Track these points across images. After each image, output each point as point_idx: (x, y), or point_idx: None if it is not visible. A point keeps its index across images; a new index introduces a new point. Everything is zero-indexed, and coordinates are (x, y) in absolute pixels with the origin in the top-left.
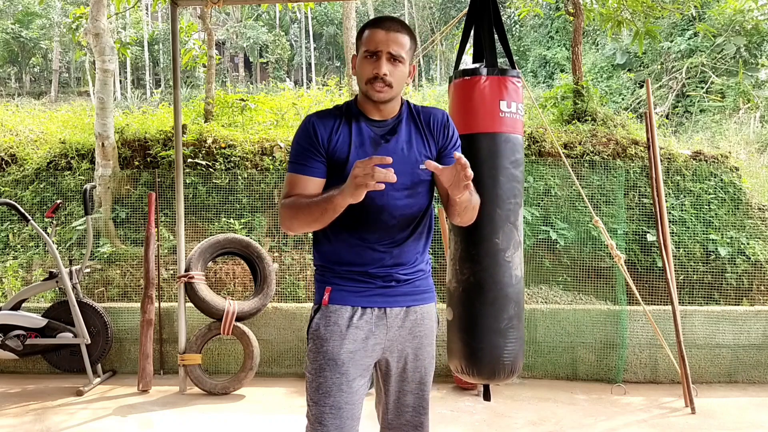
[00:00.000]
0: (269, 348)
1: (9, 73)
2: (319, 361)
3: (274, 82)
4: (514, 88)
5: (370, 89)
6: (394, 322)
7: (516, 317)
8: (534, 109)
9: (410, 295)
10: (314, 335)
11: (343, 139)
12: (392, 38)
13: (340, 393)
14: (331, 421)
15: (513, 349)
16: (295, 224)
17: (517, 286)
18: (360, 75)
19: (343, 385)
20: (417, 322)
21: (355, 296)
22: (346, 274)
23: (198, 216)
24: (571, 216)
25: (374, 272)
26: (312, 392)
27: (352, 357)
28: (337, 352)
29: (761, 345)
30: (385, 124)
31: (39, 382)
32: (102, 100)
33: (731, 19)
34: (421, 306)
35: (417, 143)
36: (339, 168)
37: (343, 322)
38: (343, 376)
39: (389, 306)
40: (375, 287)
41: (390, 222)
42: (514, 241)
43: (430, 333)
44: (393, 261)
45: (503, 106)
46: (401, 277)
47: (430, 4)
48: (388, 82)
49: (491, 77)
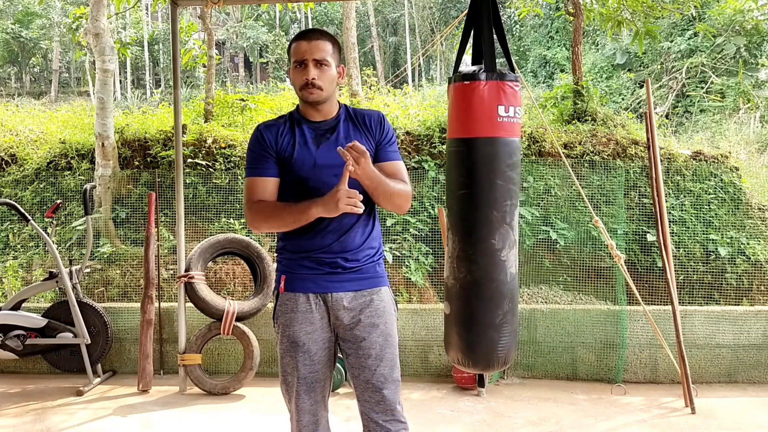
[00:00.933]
0: (269, 348)
1: (9, 73)
2: (284, 343)
3: (274, 82)
4: (512, 92)
5: (305, 93)
6: (340, 305)
7: (510, 312)
8: (534, 109)
9: (357, 280)
10: (278, 321)
11: (288, 140)
12: (314, 46)
13: (305, 366)
14: (301, 388)
15: (506, 342)
16: (264, 226)
17: (512, 283)
18: (294, 84)
19: (307, 360)
20: (366, 304)
21: (306, 282)
22: (298, 260)
23: (198, 216)
24: (571, 216)
25: (321, 258)
26: (283, 369)
27: (310, 336)
28: (297, 335)
29: (761, 345)
30: (325, 124)
31: (39, 382)
32: (102, 100)
33: (731, 19)
34: (370, 290)
35: (356, 138)
36: (286, 165)
37: (298, 308)
38: (305, 354)
39: (335, 291)
40: (323, 273)
41: None
42: (509, 241)
43: (384, 312)
44: (339, 247)
45: (501, 110)
46: (345, 264)
47: (430, 5)
48: (317, 85)
49: (489, 82)
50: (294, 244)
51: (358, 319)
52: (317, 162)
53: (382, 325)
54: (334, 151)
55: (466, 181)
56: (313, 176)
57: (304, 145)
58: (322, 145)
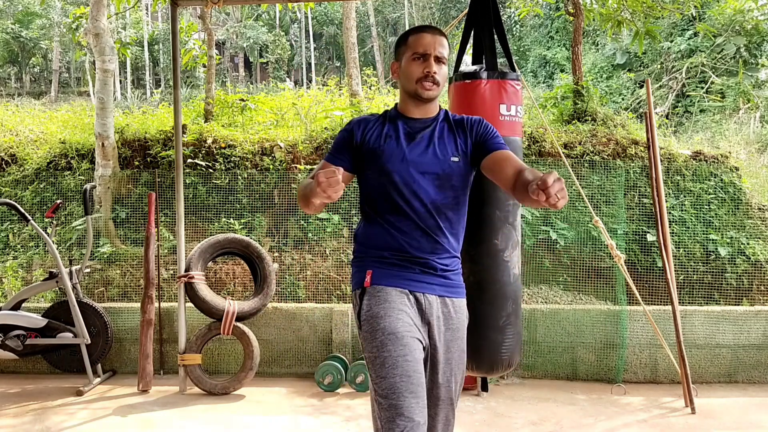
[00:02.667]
0: (269, 348)
1: (9, 73)
2: (379, 338)
3: (274, 82)
4: (513, 90)
5: (420, 87)
6: (430, 308)
7: (513, 314)
8: (534, 109)
9: (445, 286)
10: (367, 315)
11: (377, 133)
12: (438, 41)
13: (407, 363)
14: (405, 387)
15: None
16: (300, 203)
17: (515, 284)
18: (408, 76)
19: (408, 356)
20: (450, 314)
21: (395, 279)
22: (384, 258)
23: (198, 216)
24: (571, 216)
25: (411, 257)
26: (378, 368)
27: (409, 330)
28: (394, 325)
29: (761, 345)
30: (422, 122)
31: (39, 382)
32: (102, 100)
33: (731, 19)
34: (453, 299)
35: (449, 139)
36: (374, 157)
37: (392, 299)
38: (406, 347)
39: (426, 292)
40: (413, 273)
41: (421, 209)
42: (512, 241)
43: (461, 327)
44: (429, 248)
45: (503, 109)
46: (437, 264)
47: (430, 5)
48: (436, 80)
49: (491, 81)
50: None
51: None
52: (406, 157)
53: (459, 340)
54: (425, 148)
55: None
56: (400, 170)
57: (395, 140)
58: (414, 142)
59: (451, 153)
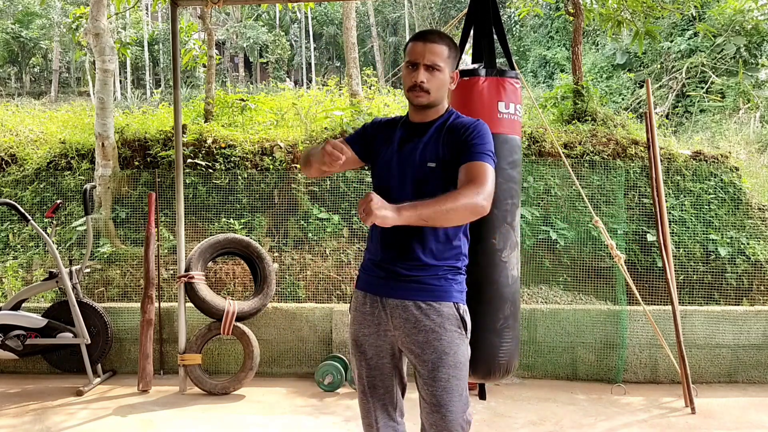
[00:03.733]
0: (269, 348)
1: (9, 73)
2: (350, 344)
3: (274, 82)
4: (512, 89)
5: (411, 96)
6: (395, 312)
7: (512, 317)
8: (534, 109)
9: (414, 291)
10: (350, 318)
11: (381, 137)
12: (429, 49)
13: (369, 370)
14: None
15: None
16: (301, 163)
17: (514, 286)
18: (404, 84)
19: (362, 362)
20: (420, 316)
21: (367, 284)
22: (367, 262)
23: (198, 216)
24: (571, 216)
25: (381, 261)
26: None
27: (366, 339)
28: (356, 333)
29: (761, 345)
30: (420, 127)
31: (39, 382)
32: (102, 100)
33: (731, 19)
34: (429, 302)
35: (435, 144)
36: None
37: (360, 307)
38: (362, 355)
39: (388, 296)
40: (380, 278)
41: None
42: (510, 242)
43: (440, 328)
44: (401, 254)
45: (501, 107)
46: (402, 272)
47: (430, 4)
48: (425, 88)
49: (490, 78)
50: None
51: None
52: (393, 162)
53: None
54: (409, 154)
55: None
56: (386, 176)
57: (391, 144)
58: (404, 148)
59: (429, 158)
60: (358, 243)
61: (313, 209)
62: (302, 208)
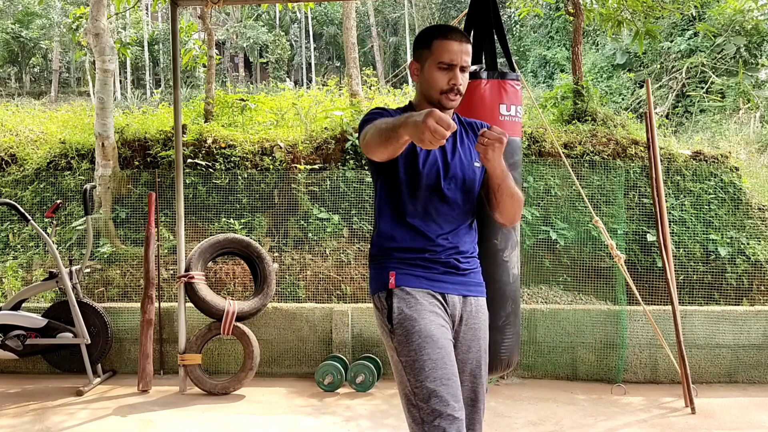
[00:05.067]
0: (269, 348)
1: (9, 73)
2: (415, 341)
3: (274, 82)
4: (513, 90)
5: (445, 99)
6: (454, 309)
7: (513, 314)
8: (534, 109)
9: (467, 285)
10: (400, 318)
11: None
12: (464, 50)
13: (445, 366)
14: (446, 391)
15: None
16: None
17: (515, 285)
18: (432, 84)
19: (446, 358)
20: (472, 313)
21: (419, 280)
22: (407, 260)
23: (198, 216)
24: (571, 216)
25: (435, 258)
26: (417, 373)
27: (443, 333)
28: (429, 328)
29: (761, 345)
30: None
31: (39, 382)
32: (102, 100)
33: (731, 19)
34: (476, 298)
35: (470, 144)
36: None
37: (423, 301)
38: (442, 350)
39: (449, 292)
40: (437, 272)
41: (447, 212)
42: (511, 242)
43: (484, 325)
44: (453, 248)
45: (503, 109)
46: (461, 264)
47: (430, 5)
48: (461, 92)
49: (491, 81)
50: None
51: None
52: (438, 161)
53: (482, 339)
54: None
55: None
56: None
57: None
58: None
59: (474, 158)
60: (358, 243)
61: (313, 209)
62: (302, 208)
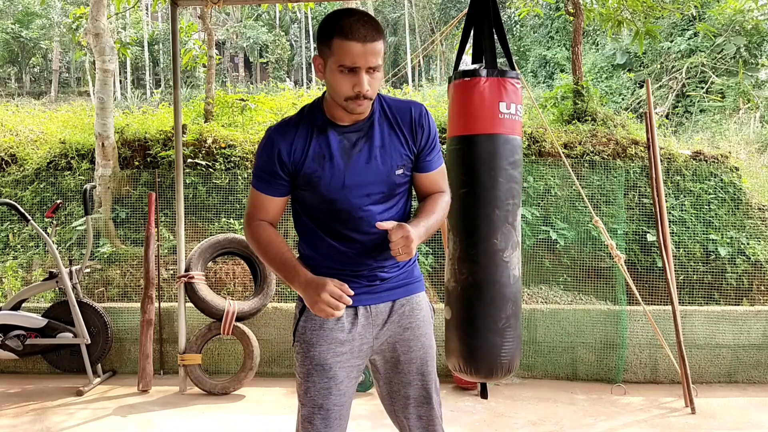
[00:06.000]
0: (269, 348)
1: (9, 73)
2: (306, 365)
3: (274, 82)
4: (513, 89)
5: (351, 105)
6: (380, 318)
7: (513, 316)
8: (534, 109)
9: (395, 289)
10: (300, 339)
11: (307, 150)
12: (369, 50)
13: (329, 396)
14: (320, 422)
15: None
16: (259, 254)
17: (515, 286)
18: (335, 89)
19: (332, 389)
20: (405, 314)
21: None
22: (329, 274)
23: (198, 216)
24: (571, 216)
25: (359, 272)
26: (302, 395)
27: (338, 361)
28: (324, 357)
29: (761, 345)
30: (356, 128)
31: (39, 382)
32: (102, 100)
33: (731, 19)
34: (408, 297)
35: (391, 146)
36: (312, 185)
37: (329, 325)
38: (331, 380)
39: (374, 303)
40: (360, 287)
41: (371, 230)
42: (512, 242)
43: (423, 323)
44: (376, 263)
45: (503, 107)
46: (385, 275)
47: (430, 5)
48: (369, 96)
49: (491, 78)
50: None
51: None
52: (346, 182)
53: (422, 336)
54: (365, 164)
55: (467, 179)
56: (341, 197)
57: (330, 160)
58: (352, 159)
59: (396, 165)
60: None
61: None
62: None
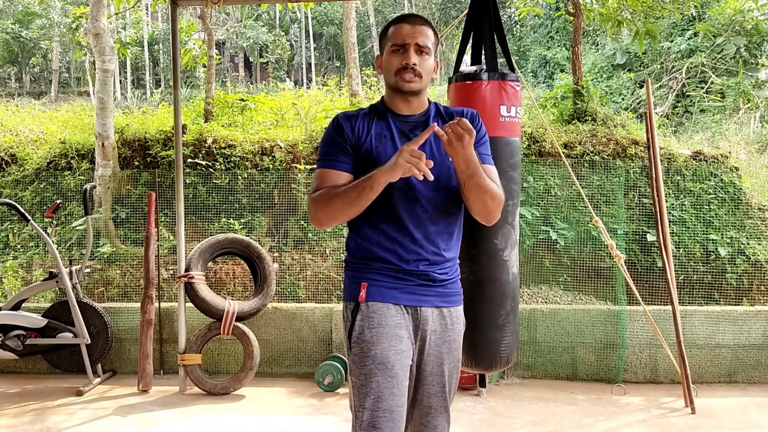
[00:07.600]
0: (269, 348)
1: (9, 73)
2: (368, 365)
3: (274, 82)
4: (513, 91)
5: (400, 80)
6: (425, 324)
7: (512, 312)
8: (534, 109)
9: (443, 296)
10: (359, 339)
11: (366, 132)
12: (418, 30)
13: (393, 397)
14: (387, 425)
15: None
16: (327, 213)
17: (514, 283)
18: (388, 68)
19: (395, 389)
20: (448, 326)
21: (392, 292)
22: (380, 270)
23: (198, 216)
24: (571, 216)
25: (409, 270)
26: (362, 398)
27: (399, 359)
28: (386, 354)
29: (761, 345)
30: (413, 119)
31: (39, 382)
32: (102, 100)
33: (731, 19)
34: (451, 309)
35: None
36: (368, 160)
37: (387, 323)
38: (394, 379)
39: (423, 305)
40: (412, 284)
41: (422, 214)
42: (511, 241)
43: (458, 338)
44: (430, 257)
45: (503, 110)
46: (438, 276)
47: (430, 5)
48: (417, 72)
49: (492, 82)
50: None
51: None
52: None
53: (456, 351)
54: (421, 148)
55: None
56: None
57: (390, 140)
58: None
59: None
60: None
61: None
62: (302, 208)
